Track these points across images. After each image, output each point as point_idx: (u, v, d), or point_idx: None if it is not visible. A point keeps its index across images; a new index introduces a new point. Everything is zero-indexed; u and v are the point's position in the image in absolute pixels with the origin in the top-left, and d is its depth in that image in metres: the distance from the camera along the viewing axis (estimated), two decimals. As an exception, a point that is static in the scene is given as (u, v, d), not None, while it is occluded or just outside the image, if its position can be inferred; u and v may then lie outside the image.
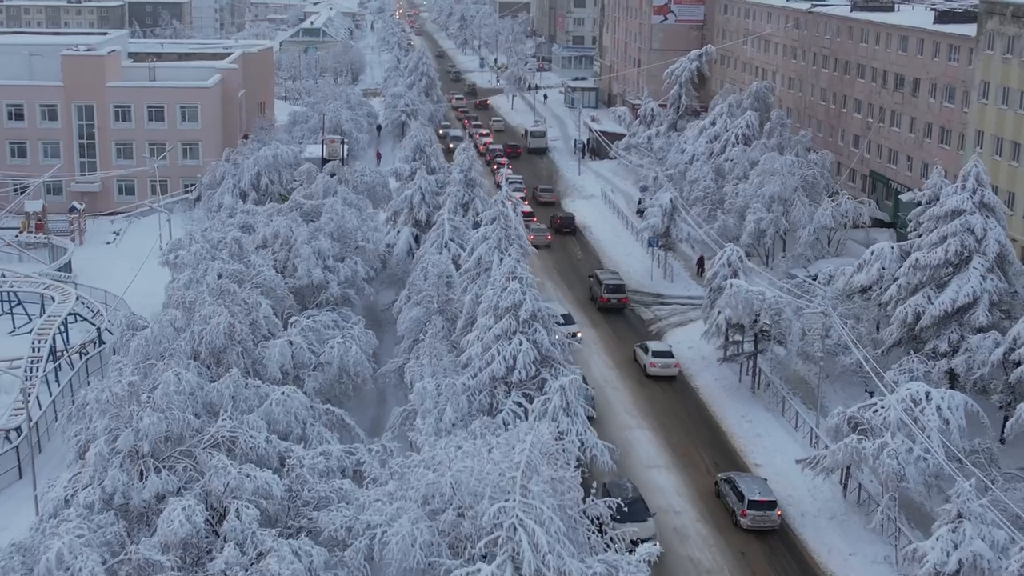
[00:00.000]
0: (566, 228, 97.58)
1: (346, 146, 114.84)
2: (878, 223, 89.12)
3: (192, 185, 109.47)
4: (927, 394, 47.33)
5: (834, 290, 65.15)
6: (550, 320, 48.12)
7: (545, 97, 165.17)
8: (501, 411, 46.15)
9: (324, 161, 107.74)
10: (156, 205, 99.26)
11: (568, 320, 66.07)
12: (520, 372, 46.44)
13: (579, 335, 65.20)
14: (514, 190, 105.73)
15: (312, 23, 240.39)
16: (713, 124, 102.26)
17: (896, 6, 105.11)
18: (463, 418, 44.51)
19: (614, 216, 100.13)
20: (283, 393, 45.37)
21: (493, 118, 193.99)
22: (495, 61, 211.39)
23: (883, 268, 63.83)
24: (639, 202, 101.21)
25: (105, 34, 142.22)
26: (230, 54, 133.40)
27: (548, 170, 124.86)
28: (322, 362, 50.46)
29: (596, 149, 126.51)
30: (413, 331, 55.60)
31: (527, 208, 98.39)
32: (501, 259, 51.47)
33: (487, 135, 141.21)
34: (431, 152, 77.13)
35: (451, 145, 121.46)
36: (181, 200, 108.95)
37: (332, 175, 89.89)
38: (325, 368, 50.27)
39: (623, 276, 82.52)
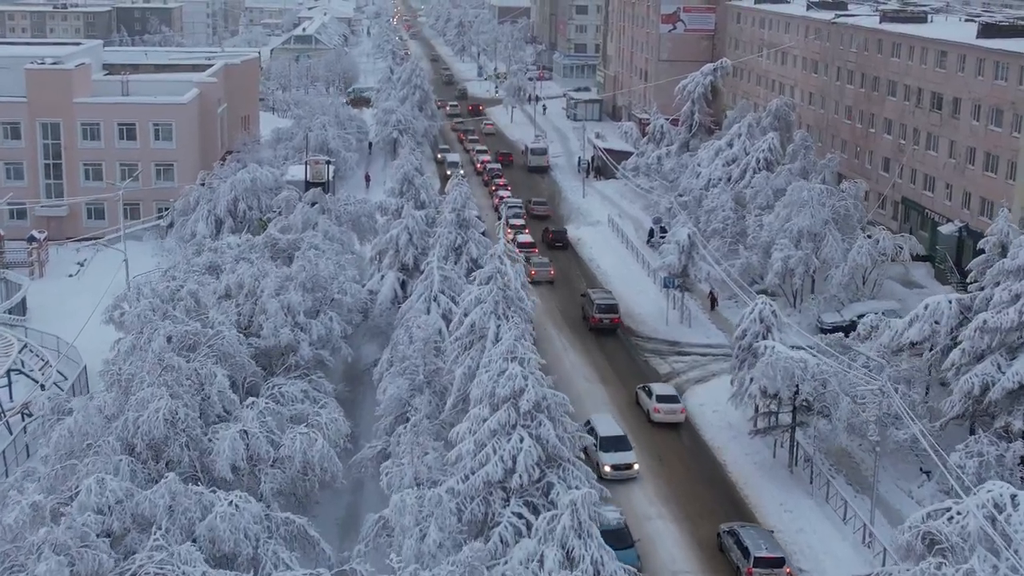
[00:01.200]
0: (558, 242, 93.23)
1: (332, 167, 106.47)
2: (913, 256, 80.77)
3: (166, 210, 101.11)
4: (1013, 497, 38.96)
5: (880, 347, 56.90)
6: (559, 410, 39.63)
7: (544, 108, 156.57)
8: (498, 524, 37.77)
9: (308, 185, 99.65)
10: (103, 243, 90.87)
11: (621, 444, 53.33)
12: (521, 476, 38.06)
13: (636, 466, 53.21)
14: (513, 216, 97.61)
15: (304, 30, 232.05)
16: (730, 145, 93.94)
17: (929, 17, 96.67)
18: (451, 536, 36.15)
19: (622, 246, 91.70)
20: (231, 503, 37.00)
21: (484, 122, 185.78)
22: (494, 70, 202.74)
23: (936, 323, 55.55)
24: (650, 233, 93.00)
25: (78, 44, 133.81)
26: (211, 65, 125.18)
27: (550, 191, 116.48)
28: (282, 456, 42.00)
29: (601, 168, 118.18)
30: (395, 408, 47.17)
31: (528, 238, 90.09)
32: (498, 327, 43.08)
33: (484, 151, 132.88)
34: (420, 184, 68.68)
35: (448, 172, 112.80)
36: (152, 227, 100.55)
37: (313, 204, 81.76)
38: (286, 464, 41.82)
39: (636, 318, 74.35)
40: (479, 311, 45.36)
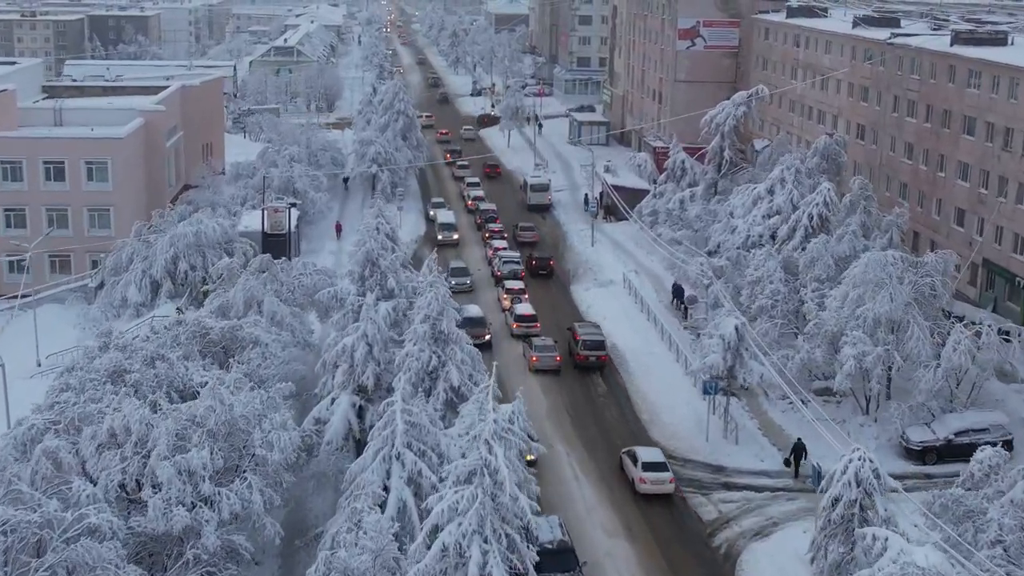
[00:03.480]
0: (542, 270, 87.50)
1: (297, 212, 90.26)
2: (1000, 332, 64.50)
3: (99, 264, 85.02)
4: None
5: (1013, 505, 40.83)
6: None
7: (540, 126, 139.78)
8: None
9: (265, 237, 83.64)
10: (17, 306, 74.88)
11: None
12: None
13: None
14: (510, 273, 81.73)
15: (285, 40, 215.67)
16: (771, 192, 77.88)
17: (1009, 37, 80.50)
18: None
19: (642, 315, 75.50)
20: None
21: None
22: (492, 86, 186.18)
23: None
24: (674, 292, 77.35)
25: (13, 63, 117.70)
26: (168, 87, 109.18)
27: (552, 235, 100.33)
28: None
29: (612, 207, 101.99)
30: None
31: (528, 308, 73.96)
32: (486, 556, 26.99)
33: (476, 183, 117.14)
34: (387, 266, 52.47)
35: (440, 236, 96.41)
36: (79, 287, 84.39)
37: (263, 271, 65.80)
38: None
39: (665, 428, 58.46)
40: (455, 530, 29.39)
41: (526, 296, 77.66)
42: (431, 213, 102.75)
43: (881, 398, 58.53)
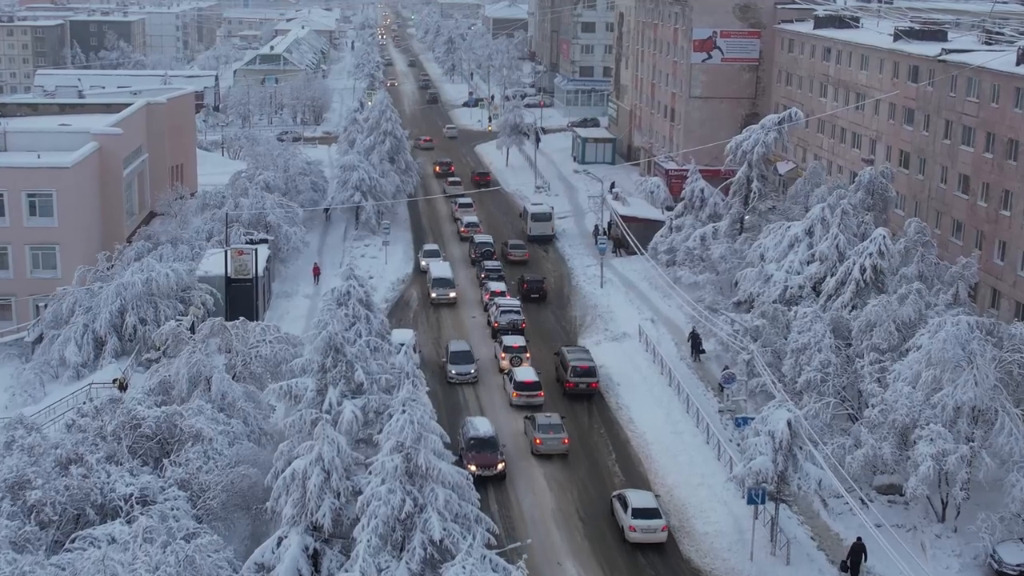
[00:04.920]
0: (534, 293, 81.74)
1: (266, 250, 79.62)
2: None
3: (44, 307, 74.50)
4: None
5: None
6: None
7: (538, 140, 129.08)
8: None
9: (229, 283, 73.08)
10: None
11: None
12: None
13: None
14: (509, 324, 71.30)
15: (272, 48, 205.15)
16: (809, 234, 67.26)
17: (1084, 56, 69.95)
18: None
19: (664, 382, 64.76)
20: None
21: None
22: (492, 99, 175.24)
23: None
24: (691, 341, 67.43)
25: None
26: (132, 104, 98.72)
27: (557, 273, 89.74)
28: None
29: (622, 239, 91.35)
30: None
31: (530, 374, 63.24)
32: None
33: (468, 203, 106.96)
34: (356, 353, 41.93)
35: (434, 294, 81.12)
36: (14, 341, 73.76)
37: (214, 336, 55.28)
38: None
39: (697, 538, 47.96)
40: None
41: (528, 356, 66.98)
42: (423, 263, 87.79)
43: (962, 504, 47.96)
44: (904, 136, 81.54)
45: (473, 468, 50.51)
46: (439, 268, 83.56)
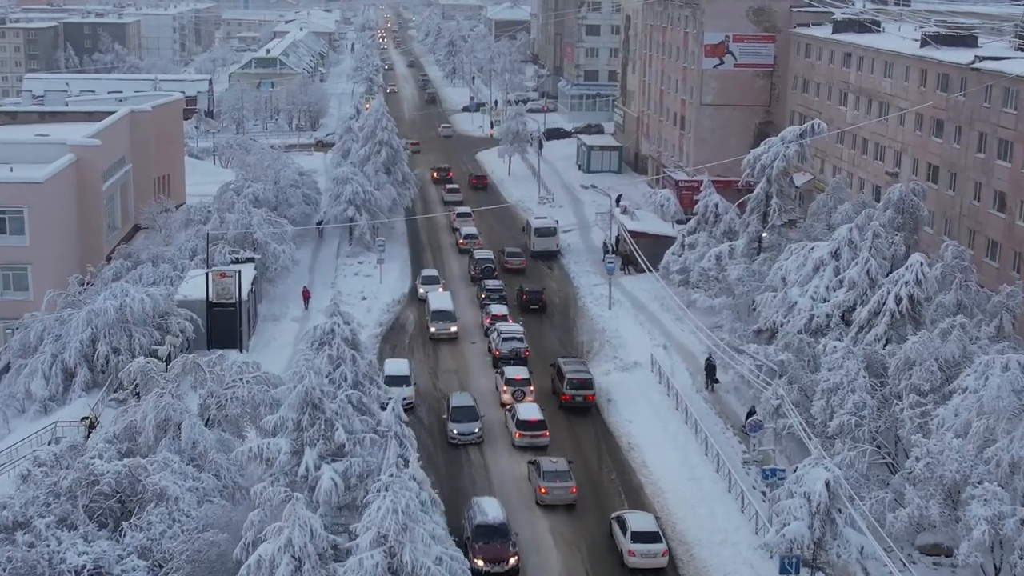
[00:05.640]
0: (533, 305, 78.86)
1: (252, 270, 74.59)
2: None
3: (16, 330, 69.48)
4: None
5: None
6: None
7: (541, 145, 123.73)
8: None
9: (210, 308, 68.11)
10: None
11: None
12: None
13: None
14: (511, 352, 66.27)
15: (268, 51, 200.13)
16: (836, 257, 62.15)
17: None
18: None
19: (680, 419, 59.60)
20: None
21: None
22: (495, 104, 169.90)
23: None
24: (707, 369, 62.71)
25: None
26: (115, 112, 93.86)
27: (562, 293, 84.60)
28: None
29: (631, 256, 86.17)
30: None
31: (534, 412, 58.08)
32: None
33: (467, 212, 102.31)
34: (336, 410, 36.89)
35: (433, 328, 73.29)
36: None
37: (183, 377, 50.31)
38: None
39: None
40: None
41: (532, 389, 61.83)
42: (420, 291, 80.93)
43: (1018, 568, 42.82)
44: (933, 148, 76.47)
45: (480, 563, 43.98)
46: (439, 299, 76.16)
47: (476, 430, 56.86)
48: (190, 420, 46.06)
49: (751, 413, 55.10)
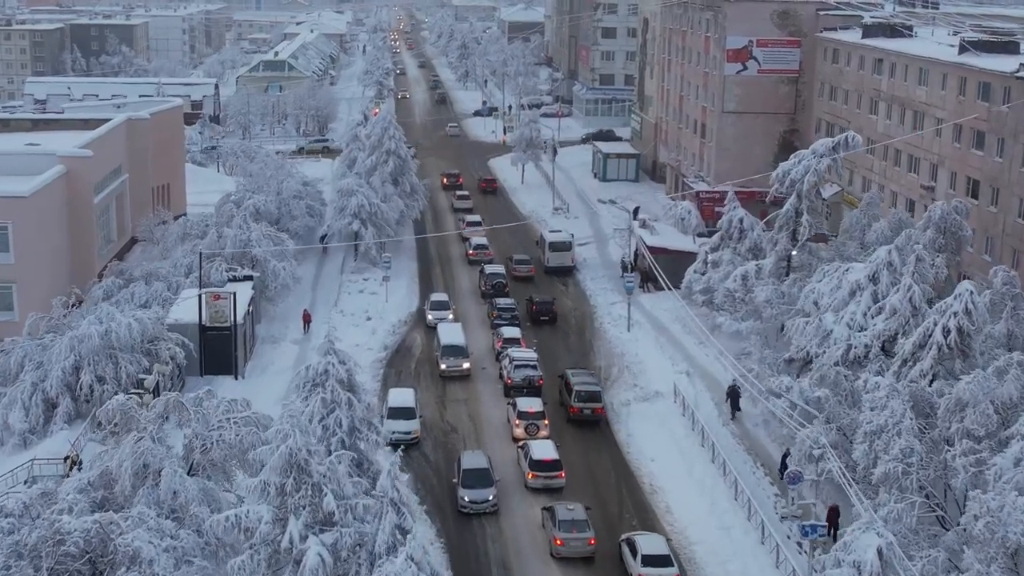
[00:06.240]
0: (544, 316, 76.66)
1: (250, 289, 70.37)
2: None
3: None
4: None
5: None
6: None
7: (555, 152, 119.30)
8: None
9: (203, 332, 63.92)
10: None
11: None
12: None
13: None
14: (524, 381, 62.00)
15: (276, 54, 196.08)
16: (874, 281, 57.68)
17: None
18: None
19: (707, 457, 55.17)
20: None
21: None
22: (509, 109, 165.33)
23: None
24: (729, 395, 58.61)
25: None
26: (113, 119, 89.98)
27: (578, 312, 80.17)
28: None
29: (650, 272, 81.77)
30: None
31: (549, 451, 53.66)
32: None
33: (477, 220, 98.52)
34: (325, 473, 32.54)
35: (443, 366, 66.29)
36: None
37: (165, 417, 46.19)
38: None
39: None
40: None
41: (546, 423, 57.45)
42: (429, 317, 74.56)
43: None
44: (972, 162, 71.90)
45: None
46: (449, 332, 68.79)
47: (490, 497, 50.21)
48: (170, 467, 41.79)
49: (786, 456, 50.66)
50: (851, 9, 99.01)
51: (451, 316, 74.37)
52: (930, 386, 48.85)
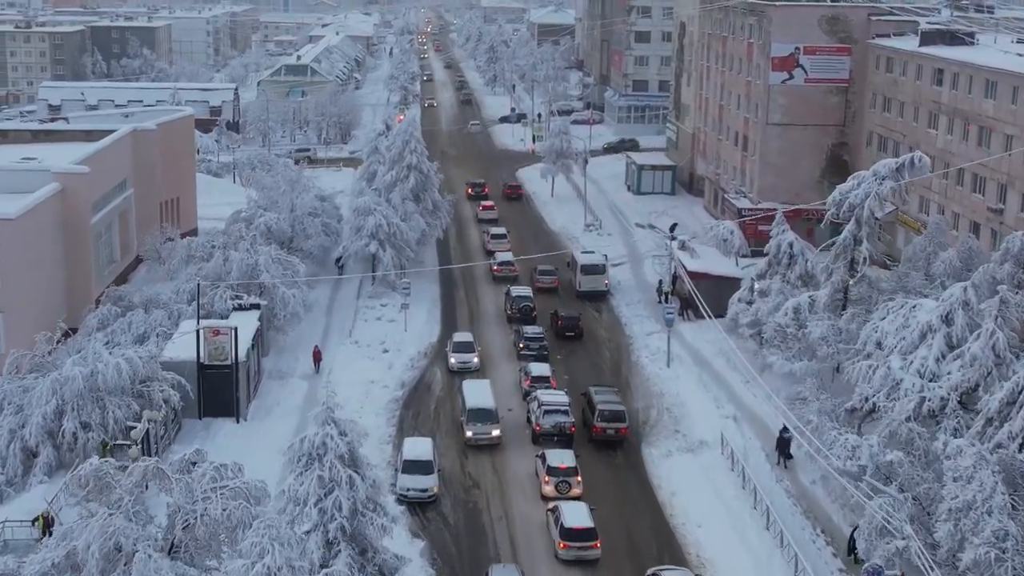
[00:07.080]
0: (569, 331, 73.51)
1: (256, 320, 64.56)
2: None
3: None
4: None
5: None
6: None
7: (586, 162, 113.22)
8: None
9: (201, 370, 58.15)
10: None
11: None
12: None
13: None
14: (554, 425, 55.86)
15: (299, 58, 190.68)
16: (947, 323, 51.27)
17: None
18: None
19: (760, 524, 48.96)
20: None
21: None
22: (538, 117, 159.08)
23: None
24: (779, 444, 52.92)
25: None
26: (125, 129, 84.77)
27: (613, 343, 74.08)
28: None
29: (690, 299, 75.51)
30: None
31: (584, 515, 47.49)
32: None
33: (502, 233, 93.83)
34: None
35: (470, 433, 57.04)
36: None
37: (146, 482, 40.30)
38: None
39: None
40: None
41: (579, 479, 51.35)
42: (451, 361, 67.32)
43: None
44: (1048, 183, 65.38)
45: None
46: (476, 392, 59.21)
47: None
48: (144, 552, 35.98)
49: (855, 530, 44.37)
50: (905, 14, 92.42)
51: (476, 360, 67.61)
52: (1020, 452, 42.52)
